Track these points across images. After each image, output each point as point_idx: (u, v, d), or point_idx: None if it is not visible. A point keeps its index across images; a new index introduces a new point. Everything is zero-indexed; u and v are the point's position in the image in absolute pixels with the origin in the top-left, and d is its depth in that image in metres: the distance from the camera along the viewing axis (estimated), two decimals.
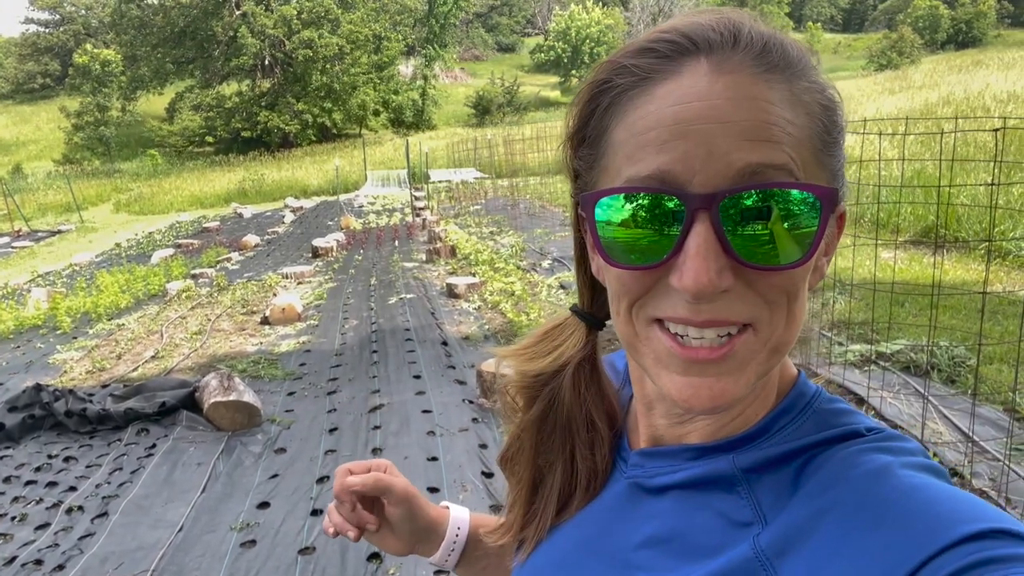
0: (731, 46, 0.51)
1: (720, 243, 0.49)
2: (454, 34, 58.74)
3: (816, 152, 0.51)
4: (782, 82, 0.51)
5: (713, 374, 0.51)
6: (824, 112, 0.52)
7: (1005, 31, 67.20)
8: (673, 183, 0.49)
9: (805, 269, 0.51)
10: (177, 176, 34.41)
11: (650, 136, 0.50)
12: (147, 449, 4.71)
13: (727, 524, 0.55)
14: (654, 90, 0.51)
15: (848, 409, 0.58)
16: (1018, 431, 3.97)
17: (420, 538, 0.87)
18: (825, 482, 0.51)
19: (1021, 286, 6.81)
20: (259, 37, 41.87)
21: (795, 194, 0.48)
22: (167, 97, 45.60)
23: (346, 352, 6.77)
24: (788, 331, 0.52)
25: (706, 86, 0.49)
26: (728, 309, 0.50)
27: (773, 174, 0.48)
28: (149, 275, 11.56)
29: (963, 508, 0.45)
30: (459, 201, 19.61)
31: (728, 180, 0.48)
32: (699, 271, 0.48)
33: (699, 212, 0.49)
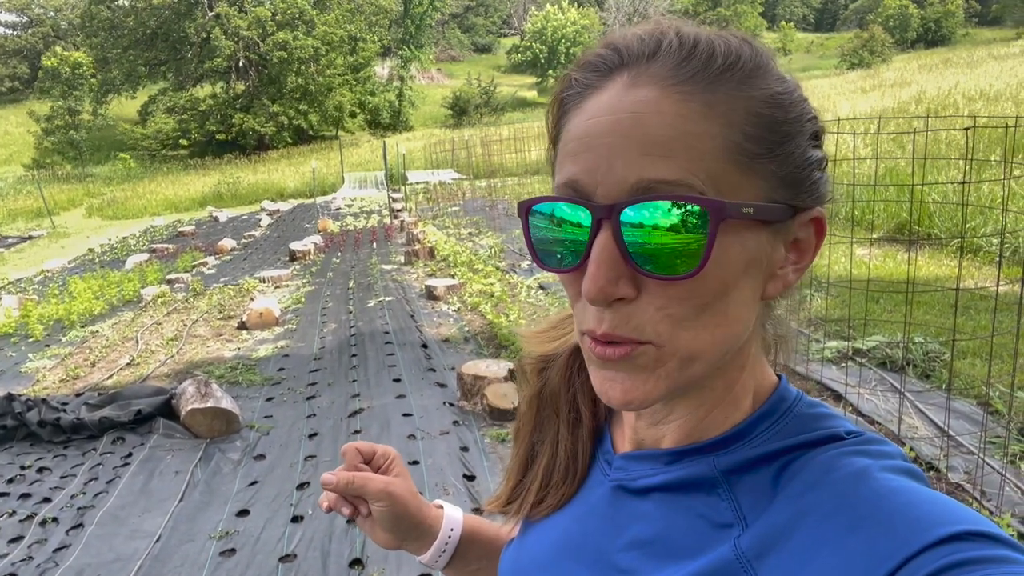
0: (649, 58, 0.53)
1: (619, 251, 0.51)
2: (430, 35, 58.60)
3: (737, 163, 0.51)
4: (699, 92, 0.51)
5: (623, 371, 0.54)
6: (753, 120, 0.52)
7: (973, 29, 68.42)
8: (582, 192, 0.52)
9: (710, 281, 0.51)
10: (151, 180, 33.94)
11: (570, 147, 0.54)
12: (123, 458, 4.64)
13: (708, 526, 0.56)
14: (585, 104, 0.54)
15: (829, 413, 0.58)
16: (991, 425, 4.04)
17: (409, 536, 0.85)
18: (805, 484, 0.52)
19: (991, 281, 6.92)
20: (233, 39, 41.47)
21: (686, 207, 0.49)
22: (139, 100, 44.96)
23: (325, 356, 6.72)
24: (700, 341, 0.53)
25: (616, 101, 0.52)
26: (625, 323, 0.52)
27: (667, 189, 0.49)
28: (123, 281, 11.39)
29: (941, 510, 0.46)
30: (437, 202, 19.56)
31: (625, 193, 0.50)
32: (596, 276, 0.51)
33: (603, 221, 0.51)
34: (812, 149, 0.55)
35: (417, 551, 0.87)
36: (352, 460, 0.85)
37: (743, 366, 0.59)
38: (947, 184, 8.32)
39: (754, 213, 0.51)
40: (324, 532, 3.62)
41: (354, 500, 0.84)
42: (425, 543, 0.86)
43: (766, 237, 0.53)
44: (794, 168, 0.54)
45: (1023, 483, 3.48)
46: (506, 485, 0.78)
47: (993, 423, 4.05)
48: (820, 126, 0.57)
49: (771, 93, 0.53)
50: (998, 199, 8.01)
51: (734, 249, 0.51)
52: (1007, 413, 4.02)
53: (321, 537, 3.58)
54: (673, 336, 0.52)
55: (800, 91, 0.56)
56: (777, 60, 0.57)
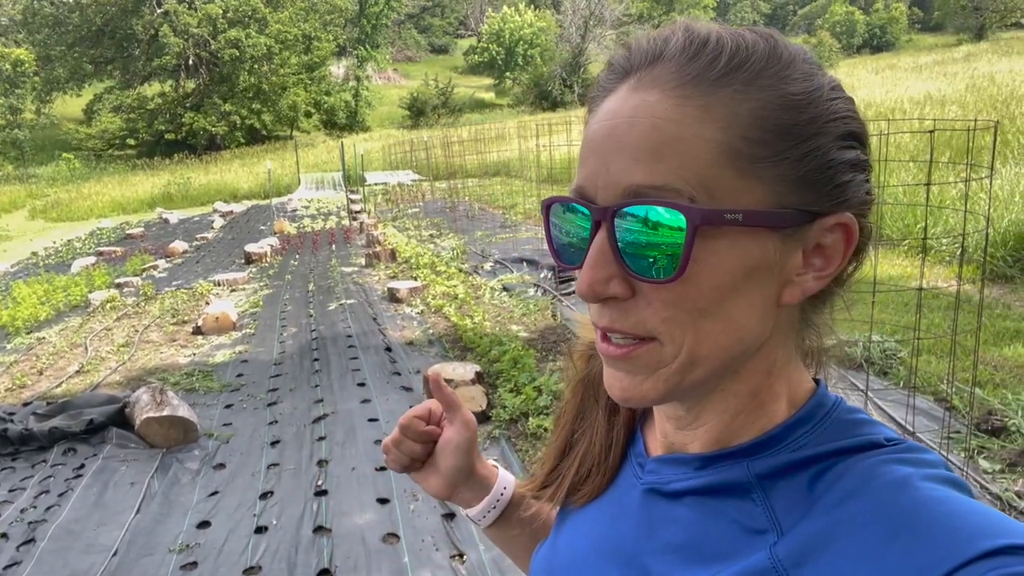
0: (652, 62, 0.54)
1: (612, 252, 0.52)
2: (386, 35, 58.21)
3: (735, 167, 0.50)
4: (698, 96, 0.51)
5: (623, 370, 0.55)
6: (757, 122, 0.51)
7: (916, 35, 70.78)
8: (587, 196, 0.54)
9: (702, 286, 0.51)
10: (97, 180, 32.91)
11: (581, 151, 0.56)
12: (75, 470, 4.45)
13: (741, 531, 0.55)
14: (599, 107, 0.56)
15: (868, 420, 0.57)
16: (948, 421, 4.14)
17: (464, 483, 0.85)
18: (844, 492, 0.51)
19: (943, 280, 7.13)
20: (182, 36, 40.53)
21: (666, 212, 0.50)
22: (85, 98, 43.61)
23: (286, 361, 6.57)
24: (700, 346, 0.53)
25: (618, 106, 0.53)
26: (623, 319, 0.54)
27: (654, 194, 0.50)
28: (70, 285, 11.00)
29: (985, 522, 0.45)
30: (397, 204, 19.40)
31: (618, 197, 0.52)
32: (586, 275, 0.53)
33: (600, 223, 0.53)
34: (840, 151, 0.53)
35: (467, 502, 0.86)
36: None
37: (768, 371, 0.58)
38: (898, 187, 8.55)
39: (743, 219, 0.50)
40: (290, 542, 3.53)
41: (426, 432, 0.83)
42: (476, 496, 0.86)
43: (774, 243, 0.52)
44: (810, 171, 0.52)
45: (982, 478, 3.57)
46: (542, 469, 0.78)
47: (951, 419, 4.15)
48: (856, 127, 0.55)
49: (783, 94, 0.52)
50: (947, 200, 8.26)
51: (728, 255, 0.51)
52: (969, 409, 4.12)
53: (287, 548, 3.49)
54: (671, 338, 0.53)
55: (828, 90, 0.54)
56: (809, 57, 0.55)
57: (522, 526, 0.87)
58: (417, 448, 0.83)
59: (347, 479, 4.14)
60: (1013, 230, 7.10)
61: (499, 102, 57.18)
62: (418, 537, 3.49)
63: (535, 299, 7.67)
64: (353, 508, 3.82)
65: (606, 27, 55.45)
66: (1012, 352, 5.16)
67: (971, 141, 3.45)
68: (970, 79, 18.42)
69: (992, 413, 4.12)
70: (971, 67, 22.47)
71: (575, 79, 52.79)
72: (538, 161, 14.89)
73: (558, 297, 7.62)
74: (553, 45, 57.26)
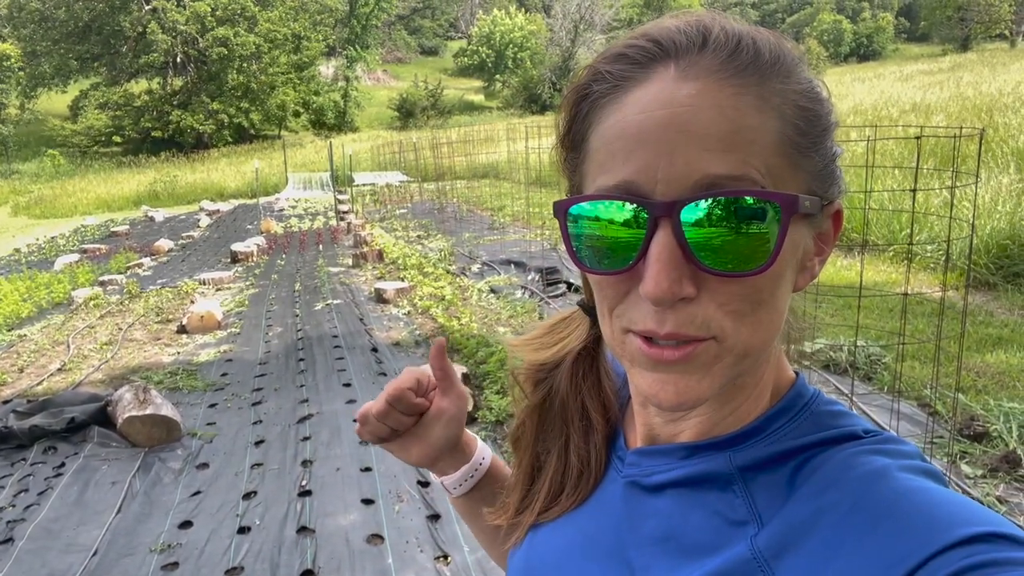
0: (698, 49, 0.51)
1: (681, 250, 0.49)
2: (376, 36, 58.08)
3: (788, 156, 0.51)
4: (752, 86, 0.50)
5: (678, 372, 0.52)
6: (799, 113, 0.52)
7: (902, 45, 71.55)
8: (638, 192, 0.50)
9: (769, 276, 0.51)
10: (82, 177, 32.61)
11: (617, 145, 0.51)
12: (55, 468, 4.40)
13: (722, 523, 0.55)
14: (624, 97, 0.52)
15: (845, 412, 0.58)
16: (933, 426, 4.17)
17: (448, 450, 0.81)
18: (822, 483, 0.51)
19: (927, 287, 7.19)
20: (170, 33, 40.26)
21: (755, 202, 0.49)
22: (71, 95, 43.21)
23: (271, 361, 6.53)
24: (755, 337, 0.52)
25: (670, 93, 0.50)
26: (690, 323, 0.51)
27: (732, 184, 0.48)
28: (53, 282, 10.88)
29: (961, 511, 0.45)
30: (385, 204, 19.34)
31: (688, 190, 0.49)
32: (659, 277, 0.49)
33: (661, 220, 0.49)
34: (834, 143, 0.56)
35: (445, 470, 0.83)
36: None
37: (768, 360, 0.59)
38: (883, 192, 8.62)
39: (810, 207, 0.51)
40: (273, 543, 3.50)
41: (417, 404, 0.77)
42: (454, 464, 0.83)
43: (805, 230, 0.54)
44: (828, 161, 0.54)
45: (964, 482, 3.60)
46: (514, 496, 0.75)
47: (934, 424, 4.18)
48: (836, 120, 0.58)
49: (809, 88, 0.53)
50: (931, 207, 8.34)
51: (790, 243, 0.51)
52: (952, 414, 4.15)
53: (270, 548, 3.46)
54: (735, 331, 0.51)
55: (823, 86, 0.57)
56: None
57: (492, 497, 0.84)
58: (406, 420, 0.78)
59: (332, 479, 4.12)
60: (995, 238, 7.17)
61: (488, 104, 57.21)
62: (402, 538, 3.48)
63: (522, 301, 7.67)
64: (337, 509, 3.79)
65: (596, 31, 55.62)
66: (994, 359, 5.21)
67: (956, 148, 3.49)
68: (955, 88, 18.62)
69: (974, 419, 4.15)
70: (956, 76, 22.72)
71: (565, 83, 52.78)
72: (527, 163, 14.90)
73: (545, 299, 7.62)
74: (543, 49, 57.38)
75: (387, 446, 0.80)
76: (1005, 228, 7.28)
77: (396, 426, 0.78)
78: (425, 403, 0.78)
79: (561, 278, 8.24)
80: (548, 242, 10.40)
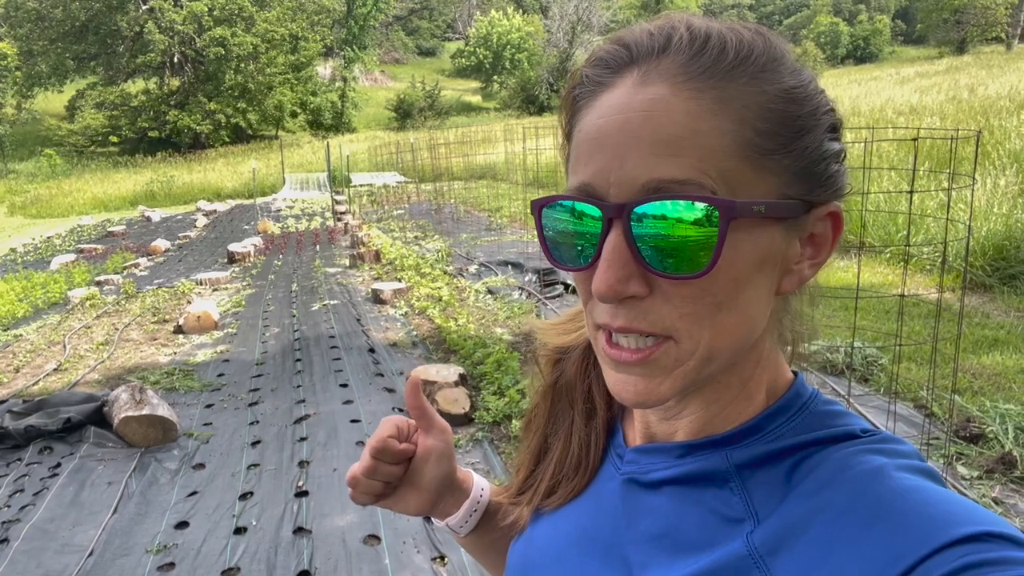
0: (659, 54, 0.52)
1: (630, 250, 0.51)
2: (374, 36, 58.05)
3: (748, 159, 0.51)
4: (709, 89, 0.51)
5: (637, 373, 0.54)
6: (765, 115, 0.51)
7: (899, 48, 71.71)
8: (594, 194, 0.52)
9: (722, 280, 0.51)
10: (78, 177, 32.55)
11: (583, 148, 0.54)
12: (51, 469, 4.39)
13: (719, 520, 0.56)
14: (595, 102, 0.54)
15: (844, 411, 0.59)
16: (929, 427, 4.17)
17: (446, 491, 0.80)
18: (820, 482, 0.52)
19: (923, 289, 7.21)
20: (167, 33, 40.18)
21: (694, 206, 0.49)
22: (67, 94, 43.11)
23: (268, 361, 6.52)
24: (719, 340, 0.53)
25: (626, 99, 0.52)
26: (642, 318, 0.52)
27: (678, 188, 0.49)
28: (49, 282, 10.85)
29: (957, 510, 0.46)
30: (382, 205, 19.33)
31: (636, 193, 0.50)
32: (606, 275, 0.51)
33: (614, 220, 0.51)
34: (829, 142, 0.55)
35: (445, 513, 0.82)
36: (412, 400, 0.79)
37: (758, 361, 0.59)
38: (879, 194, 8.63)
39: (765, 211, 0.51)
40: (269, 544, 3.49)
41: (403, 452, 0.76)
42: (456, 502, 0.82)
43: (780, 233, 0.53)
44: (809, 162, 0.53)
45: (960, 484, 3.60)
46: (517, 476, 0.77)
47: (931, 425, 4.19)
48: (838, 119, 0.57)
49: (785, 87, 0.53)
50: (927, 209, 8.35)
51: (746, 247, 0.51)
52: (949, 415, 4.16)
53: (266, 549, 3.45)
54: (692, 334, 0.52)
55: (816, 83, 0.56)
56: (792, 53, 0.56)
57: (501, 531, 0.84)
58: (396, 471, 0.76)
59: (328, 480, 4.11)
60: (991, 240, 7.19)
61: (486, 105, 57.20)
62: (399, 539, 3.47)
63: (519, 302, 7.67)
64: (334, 509, 3.79)
65: (593, 33, 55.66)
66: (990, 360, 5.22)
67: (954, 150, 3.50)
68: (952, 91, 18.66)
69: (970, 420, 4.16)
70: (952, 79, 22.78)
71: (562, 84, 52.91)
72: (525, 164, 14.90)
73: (542, 300, 7.62)
74: (540, 50, 57.40)
75: (384, 503, 0.79)
76: (1001, 230, 7.30)
77: (387, 479, 0.76)
78: (410, 447, 0.77)
79: (558, 279, 8.24)
80: None
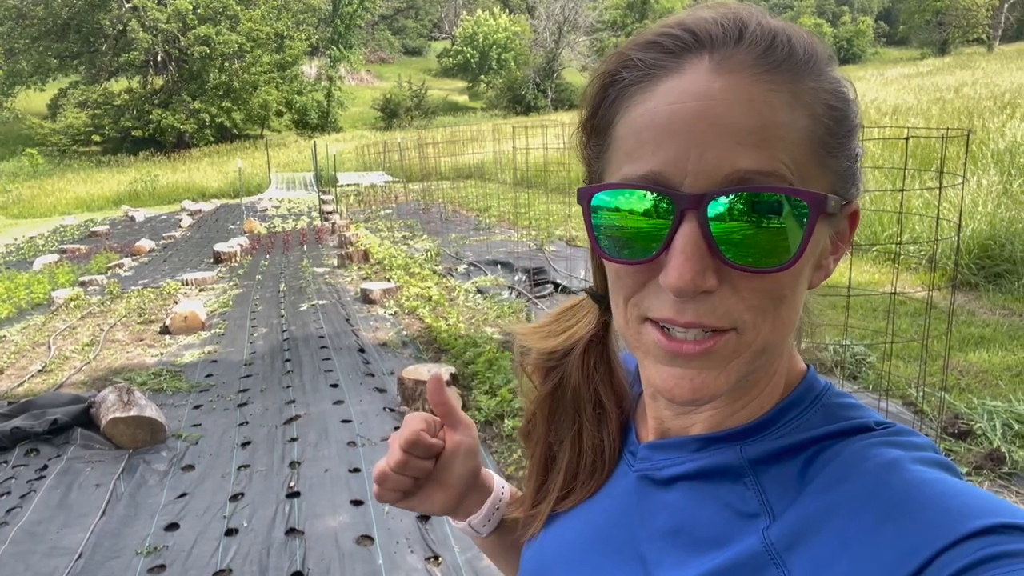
0: (734, 43, 0.51)
1: (706, 243, 0.49)
2: (359, 35, 57.85)
3: (816, 155, 0.51)
4: (785, 83, 0.50)
5: (695, 367, 0.52)
6: (829, 112, 0.52)
7: (882, 49, 72.36)
8: (665, 184, 0.50)
9: (791, 273, 0.51)
10: (61, 177, 32.19)
11: (647, 135, 0.51)
12: (38, 471, 4.33)
13: (734, 515, 0.55)
14: (656, 87, 0.52)
15: (857, 404, 0.58)
16: (919, 424, 4.21)
17: (471, 488, 0.79)
18: (835, 476, 0.51)
19: (909, 287, 7.27)
20: (151, 32, 39.86)
21: (783, 199, 0.49)
22: (49, 93, 42.62)
23: (256, 361, 6.47)
24: (774, 333, 0.53)
25: (704, 85, 0.50)
26: (711, 313, 0.51)
27: (762, 180, 0.49)
28: (32, 282, 10.71)
29: (974, 503, 0.45)
30: (369, 205, 19.25)
31: (717, 183, 0.49)
32: (683, 269, 0.49)
33: (687, 212, 0.49)
34: (857, 144, 0.56)
35: (468, 511, 0.80)
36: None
37: (782, 354, 0.59)
38: (866, 193, 8.69)
39: (837, 207, 0.52)
40: (261, 545, 3.47)
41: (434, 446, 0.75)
42: (479, 499, 0.81)
43: (825, 229, 0.54)
44: (851, 161, 0.54)
45: None
46: (529, 488, 0.76)
47: (920, 423, 4.23)
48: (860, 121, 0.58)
49: (839, 88, 0.54)
50: (913, 208, 8.42)
51: (813, 241, 0.51)
52: (939, 412, 4.20)
53: (258, 550, 3.42)
54: (755, 326, 0.52)
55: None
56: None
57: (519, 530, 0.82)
58: (427, 466, 0.74)
59: (320, 480, 4.09)
60: (977, 239, 7.26)
61: (472, 105, 57.16)
62: (392, 539, 3.46)
63: (509, 301, 7.66)
64: (326, 510, 3.76)
65: (580, 33, 55.77)
66: (977, 358, 5.27)
67: (944, 149, 3.53)
68: (935, 91, 18.85)
69: (959, 417, 4.20)
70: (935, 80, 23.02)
71: (548, 84, 52.97)
72: (514, 164, 14.89)
73: (532, 300, 7.62)
74: (527, 50, 57.41)
75: (409, 502, 0.76)
76: (986, 229, 7.38)
77: (417, 474, 0.74)
78: (440, 443, 0.75)
79: (548, 278, 8.24)
80: (535, 242, 10.40)
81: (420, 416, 0.76)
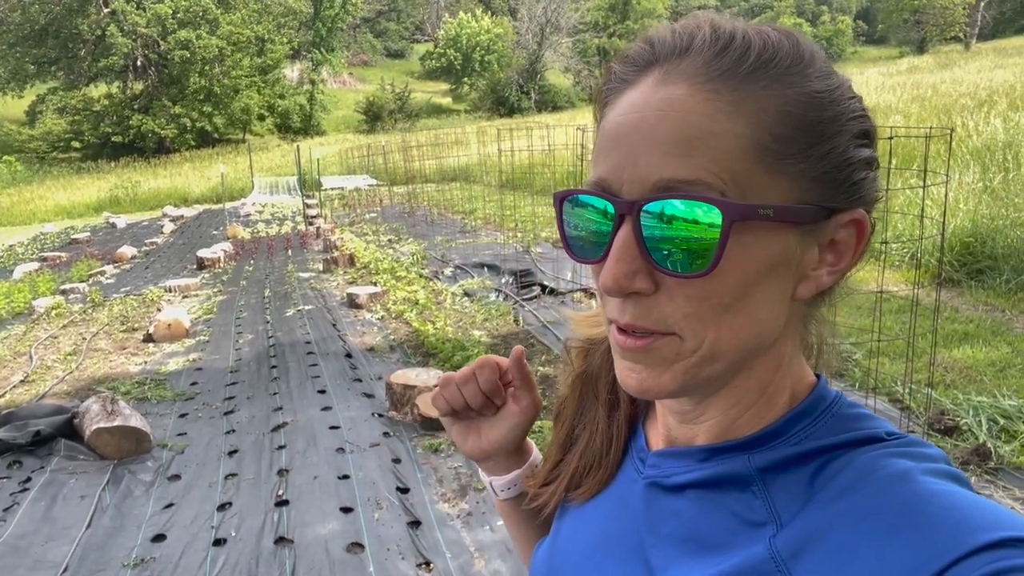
0: (681, 54, 0.53)
1: (638, 247, 0.52)
2: (341, 38, 57.64)
3: (763, 162, 0.51)
4: (728, 90, 0.51)
5: (641, 363, 0.55)
6: (781, 119, 0.51)
7: (861, 48, 73.05)
8: (609, 190, 0.53)
9: (729, 281, 0.51)
10: (40, 184, 31.85)
11: (603, 144, 0.55)
12: (21, 484, 4.26)
13: (741, 523, 0.55)
14: (619, 99, 0.55)
15: (868, 414, 0.58)
16: (905, 421, 4.24)
17: (505, 449, 0.82)
18: (844, 485, 0.51)
19: (895, 284, 7.33)
20: (130, 36, 39.52)
21: (700, 206, 0.49)
22: (27, 99, 42.12)
23: (242, 368, 6.42)
24: (724, 341, 0.53)
25: (645, 99, 0.53)
26: (646, 316, 0.53)
27: (685, 188, 0.50)
28: (12, 291, 10.56)
29: (986, 515, 0.45)
30: (354, 208, 19.17)
31: (647, 191, 0.51)
32: (614, 270, 0.52)
33: (624, 217, 0.52)
34: (857, 148, 0.54)
35: (499, 470, 0.84)
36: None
37: (777, 366, 0.58)
38: None
39: (774, 215, 0.50)
40: (250, 554, 3.43)
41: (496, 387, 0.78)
42: (507, 466, 0.84)
43: (794, 238, 0.53)
44: (831, 168, 0.53)
45: None
46: (545, 465, 0.79)
47: (907, 419, 4.26)
48: (869, 125, 0.56)
49: (808, 91, 0.52)
50: (895, 207, 8.50)
51: (755, 250, 0.51)
52: (926, 409, 4.23)
53: (247, 560, 3.39)
54: (696, 332, 0.53)
55: (846, 89, 0.55)
56: (824, 56, 0.56)
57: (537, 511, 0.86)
58: (480, 399, 0.78)
59: (309, 488, 4.05)
60: (959, 236, 7.34)
61: (456, 107, 57.12)
62: (383, 546, 3.43)
63: (496, 304, 7.65)
64: (315, 518, 3.73)
65: (562, 35, 55.91)
66: (961, 354, 5.32)
67: (927, 148, 3.56)
68: (914, 90, 19.05)
69: (944, 413, 4.24)
70: (913, 78, 23.26)
71: (532, 86, 53.06)
72: (500, 165, 14.89)
73: (519, 302, 7.61)
74: (510, 52, 57.46)
75: (453, 423, 0.81)
76: (968, 226, 7.46)
77: (470, 399, 0.78)
78: (502, 390, 0.79)
79: (535, 280, 8.24)
80: (521, 244, 10.40)
81: (495, 358, 0.80)
